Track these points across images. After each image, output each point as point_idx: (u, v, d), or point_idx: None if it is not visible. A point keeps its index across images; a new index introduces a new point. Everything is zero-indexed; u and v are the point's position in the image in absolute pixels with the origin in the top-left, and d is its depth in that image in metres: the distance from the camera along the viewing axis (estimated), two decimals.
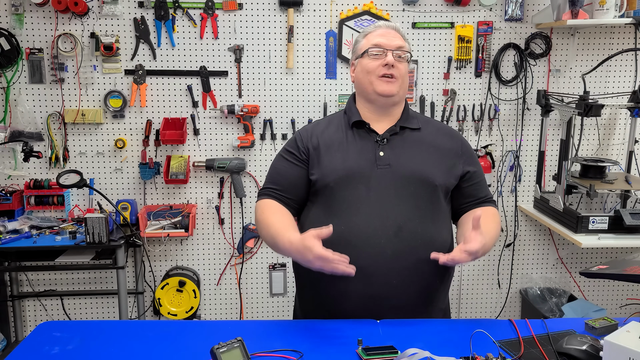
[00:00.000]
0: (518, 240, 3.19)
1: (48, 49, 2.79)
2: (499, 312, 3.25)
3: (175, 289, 2.88)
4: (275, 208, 1.63)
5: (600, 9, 2.71)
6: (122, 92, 2.85)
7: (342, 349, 1.33)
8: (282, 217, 1.59)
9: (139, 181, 2.96)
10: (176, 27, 2.83)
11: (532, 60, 2.99)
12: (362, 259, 1.50)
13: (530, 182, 3.12)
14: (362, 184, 1.57)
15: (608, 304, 3.28)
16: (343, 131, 1.66)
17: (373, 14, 2.88)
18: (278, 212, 1.61)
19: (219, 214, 3.02)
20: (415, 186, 1.57)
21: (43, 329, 1.45)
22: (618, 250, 3.21)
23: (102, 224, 2.53)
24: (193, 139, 2.94)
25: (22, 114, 2.79)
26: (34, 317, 3.05)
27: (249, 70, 2.90)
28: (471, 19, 2.93)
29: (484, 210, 1.63)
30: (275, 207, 1.63)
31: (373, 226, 1.53)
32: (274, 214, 1.60)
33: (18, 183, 2.88)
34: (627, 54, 2.99)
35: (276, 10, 2.86)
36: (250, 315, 3.16)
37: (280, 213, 1.61)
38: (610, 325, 1.42)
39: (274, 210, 1.62)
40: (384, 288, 1.52)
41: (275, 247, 1.55)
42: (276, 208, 1.63)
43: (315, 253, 1.35)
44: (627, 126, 3.05)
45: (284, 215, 1.61)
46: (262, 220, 1.61)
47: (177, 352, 1.33)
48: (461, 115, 3.01)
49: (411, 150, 1.62)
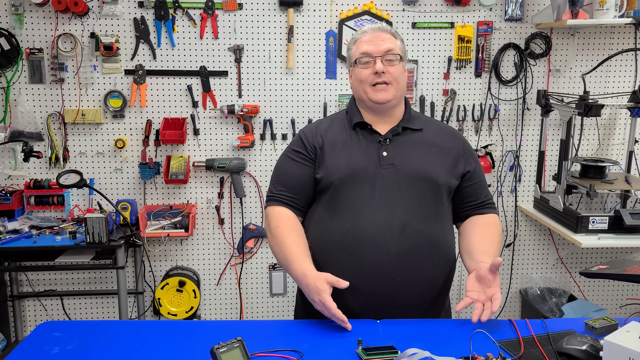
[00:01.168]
0: (518, 240, 3.19)
1: (48, 49, 2.79)
2: (499, 312, 3.24)
3: (175, 289, 2.88)
4: (291, 224, 1.62)
5: (600, 9, 2.71)
6: (122, 92, 2.85)
7: (342, 349, 1.33)
8: (298, 238, 1.59)
9: (139, 181, 2.96)
10: (176, 27, 2.83)
11: (532, 60, 2.99)
12: (366, 257, 1.52)
13: (530, 182, 3.12)
14: (366, 183, 1.57)
15: (608, 304, 3.28)
16: (346, 131, 1.67)
17: (373, 14, 2.88)
18: (294, 231, 1.60)
19: (219, 214, 3.02)
20: (419, 185, 1.58)
21: (43, 329, 1.45)
22: (618, 250, 3.21)
23: (102, 224, 2.53)
24: (193, 139, 2.94)
25: (22, 114, 2.80)
26: (34, 317, 3.05)
27: (249, 70, 2.90)
28: (471, 19, 2.93)
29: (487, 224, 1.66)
30: (290, 223, 1.62)
31: (378, 225, 1.53)
32: (289, 233, 1.59)
33: (18, 183, 2.88)
34: (627, 54, 2.99)
35: (276, 10, 2.86)
36: (250, 315, 3.15)
37: (295, 233, 1.60)
38: (610, 325, 1.42)
39: (289, 227, 1.61)
40: (389, 286, 1.53)
41: (285, 267, 1.58)
42: (292, 224, 1.62)
43: (322, 298, 1.41)
44: (627, 126, 3.05)
45: (299, 236, 1.60)
46: (276, 235, 1.61)
47: (177, 352, 1.33)
48: (461, 115, 3.01)
49: (414, 150, 1.63)
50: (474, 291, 1.46)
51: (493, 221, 1.69)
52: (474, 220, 1.68)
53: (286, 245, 1.57)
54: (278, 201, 1.66)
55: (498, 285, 1.45)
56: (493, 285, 1.45)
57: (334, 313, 1.40)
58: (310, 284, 1.45)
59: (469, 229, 1.67)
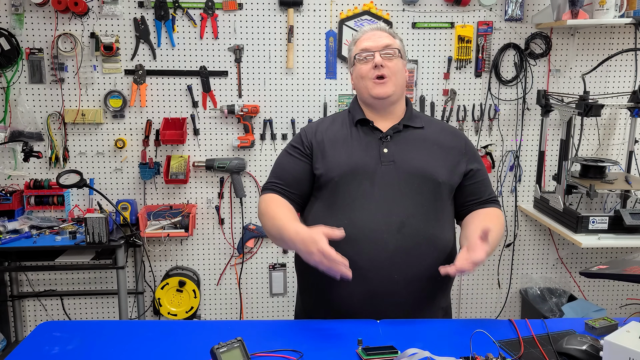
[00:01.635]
0: (518, 240, 3.19)
1: (48, 49, 2.79)
2: (499, 312, 3.25)
3: (175, 289, 2.88)
4: (280, 202, 1.64)
5: (600, 9, 2.71)
6: (122, 92, 2.85)
7: (342, 349, 1.33)
8: (288, 210, 1.61)
9: (139, 181, 2.96)
10: (176, 27, 2.83)
11: (532, 60, 2.99)
12: (364, 254, 1.52)
13: (530, 182, 3.12)
14: (366, 180, 1.58)
15: (608, 304, 3.28)
16: (347, 128, 1.68)
17: (373, 14, 2.88)
18: (283, 206, 1.63)
19: (219, 214, 3.02)
20: (419, 183, 1.58)
21: (43, 329, 1.45)
22: (618, 250, 3.21)
23: (102, 224, 2.53)
24: (193, 139, 2.94)
25: (22, 114, 2.80)
26: (34, 317, 3.05)
27: (249, 70, 2.90)
28: (471, 19, 2.93)
29: (488, 212, 1.64)
30: (280, 201, 1.64)
31: (376, 222, 1.54)
32: (279, 207, 1.62)
33: (18, 183, 2.88)
34: (627, 54, 2.99)
35: (276, 10, 2.86)
36: (250, 315, 3.16)
37: (285, 207, 1.63)
38: (610, 325, 1.42)
39: (278, 204, 1.63)
40: (386, 284, 1.53)
41: (279, 238, 1.55)
42: (281, 202, 1.64)
43: (320, 247, 1.36)
44: (627, 126, 3.05)
45: (289, 209, 1.62)
46: (266, 213, 1.62)
47: (177, 352, 1.33)
48: (461, 115, 3.01)
49: (415, 147, 1.63)
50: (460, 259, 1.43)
51: (495, 212, 1.67)
52: (475, 212, 1.67)
53: (277, 218, 1.57)
54: (271, 190, 1.68)
55: (484, 249, 1.41)
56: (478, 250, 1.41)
57: (334, 257, 1.35)
58: (305, 236, 1.41)
59: (469, 218, 1.66)
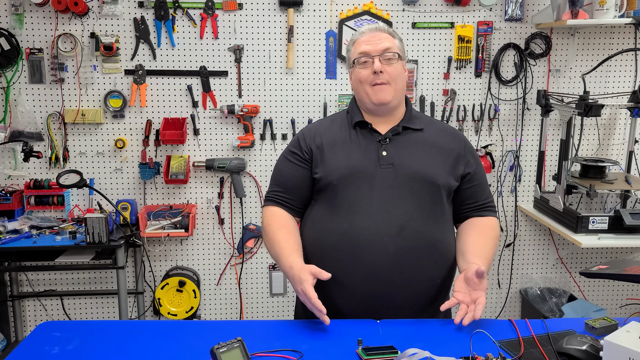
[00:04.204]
0: (518, 240, 3.19)
1: (48, 49, 2.79)
2: (499, 312, 3.24)
3: (175, 289, 2.88)
4: (282, 221, 1.65)
5: (600, 9, 2.71)
6: (122, 92, 2.85)
7: (342, 349, 1.33)
8: (288, 234, 1.62)
9: (139, 181, 2.96)
10: (176, 27, 2.83)
11: (532, 60, 2.99)
12: (364, 257, 1.52)
13: (530, 182, 3.12)
14: (365, 183, 1.57)
15: (608, 304, 3.28)
16: (346, 130, 1.67)
17: (373, 14, 2.88)
18: (284, 228, 1.63)
19: (219, 214, 3.02)
20: (418, 186, 1.58)
21: (43, 329, 1.45)
22: (618, 250, 3.21)
23: (102, 224, 2.53)
24: (193, 139, 2.94)
25: (22, 114, 2.80)
26: (34, 317, 3.05)
27: (249, 70, 2.90)
28: (471, 19, 2.93)
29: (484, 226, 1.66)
30: (281, 221, 1.65)
31: (376, 225, 1.53)
32: (280, 230, 1.63)
33: (18, 183, 2.88)
34: (627, 54, 2.99)
35: (276, 10, 2.86)
36: (250, 315, 3.15)
37: (286, 229, 1.63)
38: (610, 325, 1.42)
39: (280, 225, 1.64)
40: (386, 287, 1.53)
41: (276, 260, 1.62)
42: (283, 221, 1.65)
43: (304, 287, 1.42)
44: (627, 126, 3.04)
45: (290, 232, 1.63)
46: (268, 233, 1.65)
47: (177, 352, 1.33)
48: (461, 115, 3.01)
49: (414, 150, 1.63)
50: (461, 292, 1.48)
51: (490, 224, 1.69)
52: (471, 221, 1.68)
53: (276, 241, 1.60)
54: (272, 201, 1.69)
55: (484, 289, 1.46)
56: (478, 289, 1.45)
57: (314, 303, 1.39)
58: (295, 275, 1.47)
59: (465, 230, 1.67)
